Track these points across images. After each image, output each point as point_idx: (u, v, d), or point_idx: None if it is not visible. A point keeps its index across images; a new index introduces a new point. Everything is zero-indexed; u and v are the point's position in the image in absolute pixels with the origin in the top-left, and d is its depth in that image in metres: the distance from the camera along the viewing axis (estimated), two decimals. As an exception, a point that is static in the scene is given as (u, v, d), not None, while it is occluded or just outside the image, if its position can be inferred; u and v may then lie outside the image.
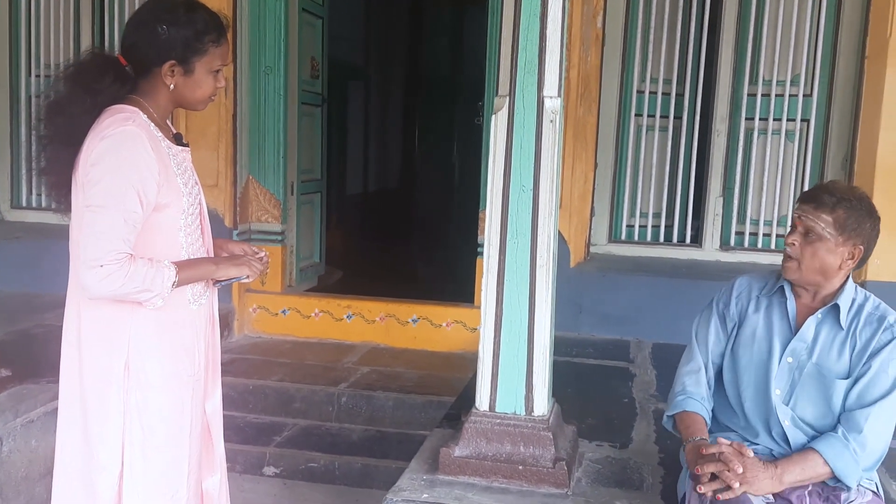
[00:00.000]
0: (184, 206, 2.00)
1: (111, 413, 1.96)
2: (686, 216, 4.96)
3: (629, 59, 4.87)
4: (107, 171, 1.85)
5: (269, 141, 4.99)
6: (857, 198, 2.15)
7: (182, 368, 2.05)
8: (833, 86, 4.64)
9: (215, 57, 2.00)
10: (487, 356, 2.67)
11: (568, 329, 4.51)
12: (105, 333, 1.96)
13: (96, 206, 1.84)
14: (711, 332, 2.38)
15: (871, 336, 2.15)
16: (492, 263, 2.63)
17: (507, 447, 2.63)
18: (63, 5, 5.49)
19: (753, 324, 2.31)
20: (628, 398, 3.61)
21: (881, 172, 4.25)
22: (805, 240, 2.13)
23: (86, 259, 1.83)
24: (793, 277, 2.21)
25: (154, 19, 1.95)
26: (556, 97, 2.57)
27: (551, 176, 2.58)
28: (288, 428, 4.00)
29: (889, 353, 2.12)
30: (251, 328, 5.02)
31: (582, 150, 4.66)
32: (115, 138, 1.86)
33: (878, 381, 2.12)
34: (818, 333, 2.21)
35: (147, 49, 1.95)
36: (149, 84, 1.99)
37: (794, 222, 2.19)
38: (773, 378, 2.23)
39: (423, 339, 4.81)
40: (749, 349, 2.30)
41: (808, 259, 2.14)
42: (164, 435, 2.02)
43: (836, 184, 2.25)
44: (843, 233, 2.10)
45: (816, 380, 2.19)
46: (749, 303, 2.34)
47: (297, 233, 5.26)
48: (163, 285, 1.90)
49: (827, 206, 2.10)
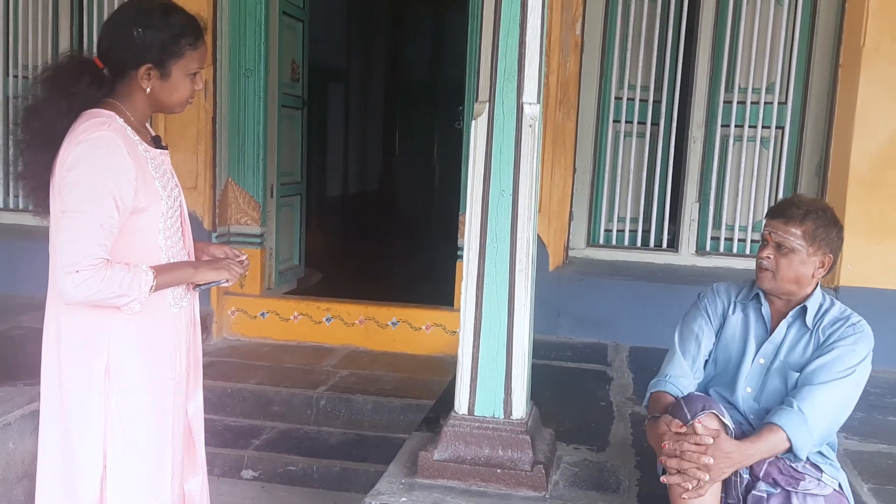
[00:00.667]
0: (162, 209, 1.99)
1: (91, 418, 1.95)
2: (663, 221, 5.02)
3: (607, 65, 4.92)
4: (82, 176, 1.84)
5: (248, 143, 4.98)
6: (821, 209, 2.26)
7: (163, 371, 2.04)
8: (807, 94, 4.71)
9: (192, 60, 1.98)
10: (467, 360, 2.69)
11: (546, 332, 4.55)
12: (84, 338, 1.95)
13: (72, 211, 1.83)
14: (702, 326, 2.45)
15: (834, 331, 2.26)
16: (471, 267, 2.65)
17: (485, 451, 2.65)
18: (41, 6, 5.45)
19: (733, 325, 2.42)
20: (606, 401, 3.64)
21: (854, 180, 4.33)
22: (778, 252, 2.25)
23: (62, 264, 1.82)
24: (768, 287, 2.31)
25: (130, 22, 1.93)
26: (535, 103, 2.60)
27: (530, 181, 2.61)
28: (266, 431, 4.00)
29: (848, 346, 2.23)
30: (230, 331, 5.01)
31: (561, 155, 4.70)
32: (91, 143, 1.85)
33: (834, 365, 2.21)
34: (787, 334, 2.33)
35: (123, 52, 1.93)
36: (125, 87, 1.97)
37: (764, 237, 2.30)
38: (745, 377, 2.35)
39: (402, 342, 4.82)
40: (727, 349, 2.42)
41: (783, 270, 2.25)
42: (147, 438, 2.01)
43: (800, 197, 2.36)
44: (812, 243, 2.21)
45: (781, 373, 2.31)
46: (729, 306, 2.45)
47: (276, 235, 5.25)
48: (140, 290, 1.89)
49: (796, 220, 2.22)
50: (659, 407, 2.31)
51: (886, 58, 4.25)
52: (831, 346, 2.24)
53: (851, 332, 2.25)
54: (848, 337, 2.24)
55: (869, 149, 4.30)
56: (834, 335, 2.26)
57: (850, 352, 2.22)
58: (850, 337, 2.24)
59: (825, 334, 2.27)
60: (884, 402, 3.72)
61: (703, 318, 2.46)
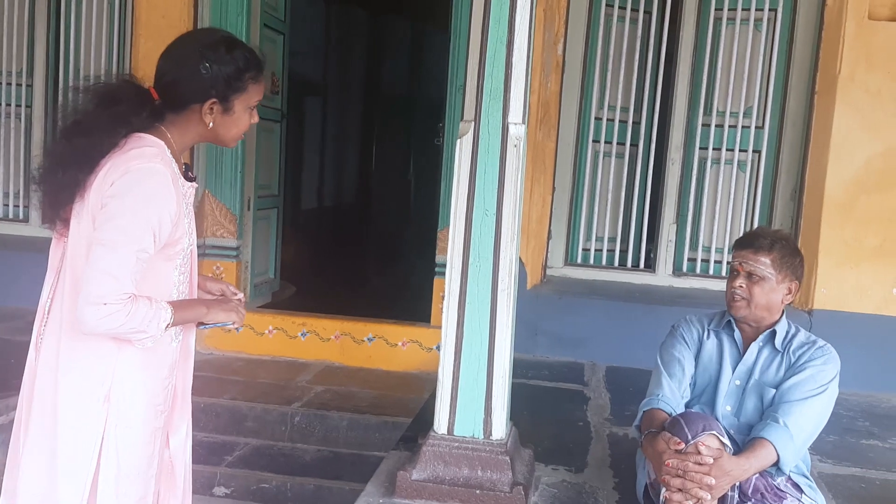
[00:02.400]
0: (185, 245, 1.95)
1: (83, 443, 1.89)
2: (640, 241, 5.05)
3: (588, 86, 4.96)
4: (127, 208, 1.78)
5: (226, 156, 4.93)
6: (784, 238, 2.45)
7: (159, 404, 2.00)
8: (784, 119, 4.78)
9: (253, 94, 1.98)
10: (447, 379, 2.67)
11: (523, 351, 4.54)
12: (88, 365, 1.89)
13: (110, 242, 1.77)
14: (682, 352, 2.56)
15: (804, 353, 2.42)
16: (453, 286, 2.65)
17: (464, 471, 2.64)
18: (17, 12, 5.39)
19: (709, 350, 2.56)
20: (583, 421, 3.64)
21: (829, 205, 4.39)
22: (750, 281, 2.40)
23: (90, 294, 1.75)
24: (742, 315, 2.46)
25: (197, 56, 1.90)
26: (520, 124, 2.61)
27: (514, 201, 2.61)
28: (239, 447, 3.94)
29: (819, 366, 2.38)
30: (203, 344, 4.94)
31: (540, 174, 4.72)
32: (142, 174, 1.80)
33: (807, 384, 2.35)
34: (759, 356, 2.48)
35: (188, 86, 1.89)
36: (181, 119, 1.93)
37: (734, 268, 2.45)
38: (723, 396, 2.48)
39: (378, 359, 4.79)
40: (705, 372, 2.55)
41: (757, 297, 2.41)
42: (136, 468, 1.96)
43: (764, 229, 2.60)
44: (780, 271, 2.39)
45: (756, 392, 2.45)
46: (703, 332, 2.59)
47: (252, 248, 5.21)
48: (158, 327, 1.84)
49: (764, 249, 2.39)
50: (654, 423, 2.36)
51: (861, 86, 4.33)
52: (802, 366, 2.39)
53: (820, 353, 2.40)
54: (817, 358, 2.39)
55: (843, 174, 4.37)
56: (804, 356, 2.41)
57: (821, 371, 2.36)
58: (819, 358, 2.39)
59: (795, 356, 2.42)
60: (856, 425, 3.76)
61: (681, 343, 2.58)
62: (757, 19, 4.75)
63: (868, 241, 4.38)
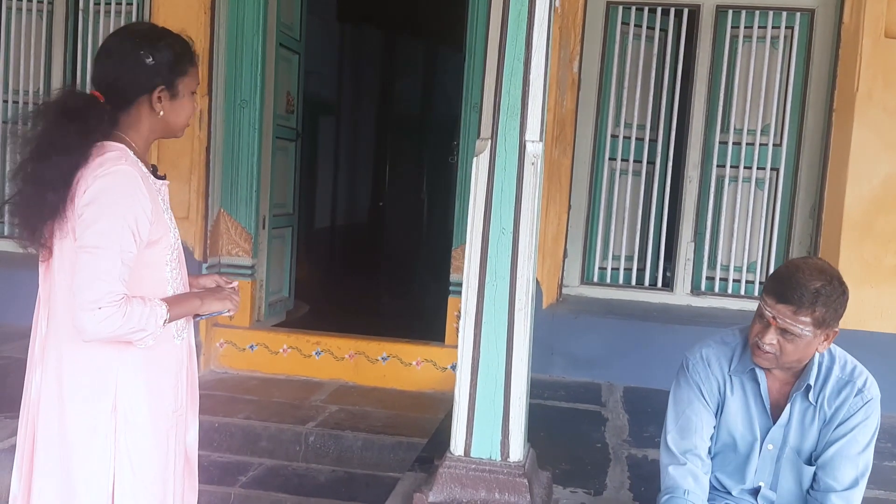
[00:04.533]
0: (171, 241, 1.98)
1: (97, 456, 1.90)
2: (658, 260, 5.01)
3: (604, 103, 4.94)
4: (102, 212, 1.81)
5: (242, 174, 4.94)
6: (829, 282, 1.99)
7: (167, 404, 2.01)
8: (802, 136, 4.75)
9: (193, 77, 2.01)
10: (463, 400, 2.64)
11: (540, 371, 4.49)
12: (91, 375, 1.90)
13: (92, 248, 1.80)
14: (701, 414, 2.19)
15: (841, 405, 2.11)
16: (470, 305, 2.62)
17: (481, 493, 2.60)
18: (35, 31, 5.44)
19: (732, 407, 2.20)
20: (601, 443, 3.59)
21: (848, 224, 4.34)
22: (783, 338, 2.01)
23: (83, 301, 1.78)
24: (767, 366, 2.12)
25: (135, 48, 1.91)
26: (537, 141, 2.59)
27: (531, 219, 2.59)
28: (254, 468, 3.91)
29: (860, 422, 2.10)
30: (218, 363, 4.93)
31: (556, 192, 4.69)
32: (109, 178, 1.83)
33: (850, 448, 2.09)
34: (792, 414, 2.16)
35: (134, 79, 1.91)
36: (131, 117, 1.94)
37: (766, 320, 2.03)
38: (755, 470, 2.20)
39: (392, 378, 4.76)
40: (730, 433, 2.22)
41: (788, 355, 2.04)
42: (152, 473, 1.98)
43: (804, 272, 2.01)
44: (821, 326, 2.00)
45: (794, 464, 2.17)
46: (724, 383, 2.20)
47: (267, 267, 5.20)
48: (156, 324, 1.87)
49: (805, 308, 1.96)
50: None
51: (879, 104, 4.29)
52: (841, 425, 2.10)
53: (860, 403, 2.09)
54: (857, 412, 2.09)
55: (862, 193, 4.32)
56: (842, 410, 2.10)
57: (863, 429, 2.09)
58: (859, 412, 2.09)
59: (832, 408, 2.11)
60: (878, 446, 3.67)
61: (699, 401, 2.19)
62: (773, 37, 4.73)
63: (888, 260, 4.33)
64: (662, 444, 2.23)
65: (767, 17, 4.72)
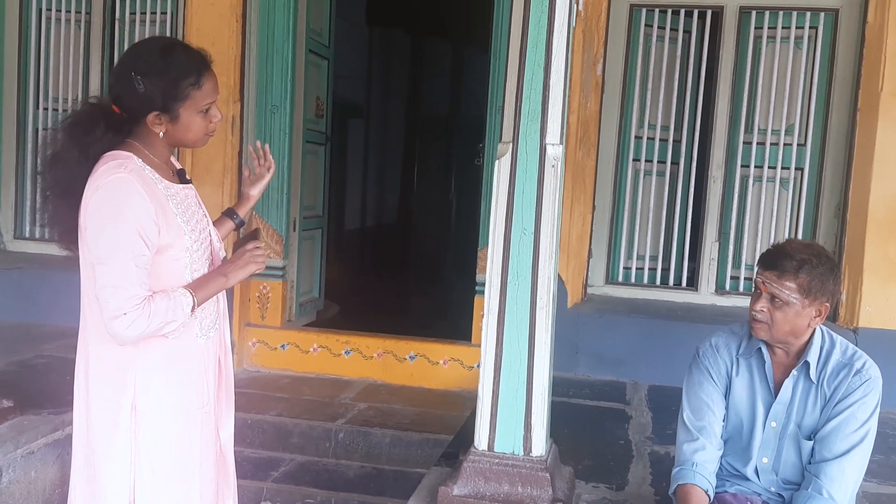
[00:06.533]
0: (187, 244, 2.00)
1: (117, 451, 1.98)
2: (682, 260, 5.04)
3: (628, 105, 4.99)
4: (106, 223, 1.87)
5: (273, 177, 5.04)
6: (816, 256, 2.16)
7: (190, 402, 2.07)
8: (826, 136, 4.75)
9: (198, 99, 1.97)
10: (487, 396, 2.71)
11: (565, 370, 4.56)
12: (111, 373, 1.98)
13: (105, 257, 1.87)
14: (711, 394, 2.33)
15: (840, 384, 2.20)
16: (492, 304, 2.69)
17: (504, 487, 2.67)
18: (73, 40, 5.60)
19: (738, 389, 2.33)
20: (624, 440, 3.64)
21: (872, 223, 4.35)
22: (772, 305, 2.17)
23: (108, 311, 1.86)
24: (763, 338, 2.25)
25: (130, 70, 1.93)
26: (558, 144, 2.65)
27: (552, 220, 2.65)
28: (285, 463, 4.02)
29: (859, 401, 2.18)
30: (250, 362, 5.06)
31: (580, 193, 4.75)
32: (108, 187, 1.87)
33: (847, 426, 2.17)
34: (795, 392, 2.26)
35: (130, 101, 1.94)
36: (141, 129, 1.99)
37: (757, 286, 2.21)
38: (759, 446, 2.30)
39: (420, 377, 4.84)
40: (737, 414, 2.34)
41: (779, 323, 2.18)
42: (174, 469, 2.04)
43: (793, 244, 2.22)
44: (808, 295, 2.14)
45: (794, 441, 2.26)
46: (732, 366, 2.35)
47: (297, 268, 5.32)
48: (184, 312, 1.94)
49: (789, 273, 2.13)
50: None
51: (904, 103, 4.30)
52: (839, 402, 2.19)
53: (858, 382, 2.19)
54: (855, 390, 2.18)
55: (887, 192, 4.33)
56: (840, 389, 2.20)
57: (861, 406, 2.17)
58: (857, 389, 2.18)
59: (831, 388, 2.21)
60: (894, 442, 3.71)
61: (709, 383, 2.34)
62: (797, 37, 4.75)
63: (913, 258, 4.33)
64: (679, 422, 2.38)
65: (791, 18, 4.74)
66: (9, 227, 5.72)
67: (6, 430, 3.28)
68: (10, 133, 5.64)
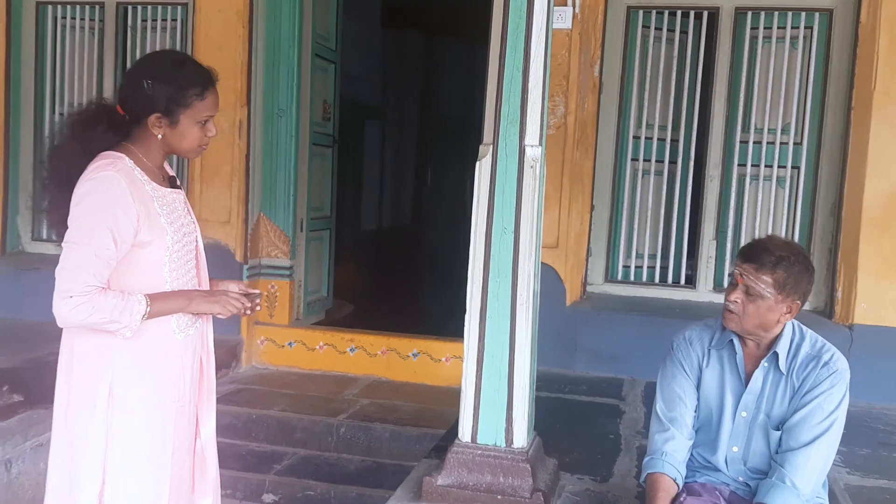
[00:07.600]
0: (168, 243, 2.14)
1: (93, 434, 2.09)
2: (680, 258, 5.10)
3: (626, 105, 5.05)
4: (84, 211, 2.02)
5: (280, 180, 5.20)
6: (794, 254, 2.23)
7: (165, 395, 2.17)
8: (822, 135, 4.78)
9: (199, 109, 2.12)
10: (469, 389, 2.80)
11: (563, 366, 4.65)
12: (92, 360, 2.10)
13: (72, 243, 2.02)
14: (683, 386, 2.39)
15: (808, 375, 2.27)
16: (474, 301, 2.79)
17: (487, 477, 2.76)
18: (87, 46, 5.76)
19: (708, 379, 2.39)
20: (614, 434, 3.72)
21: (867, 220, 4.39)
22: (746, 297, 2.23)
23: (58, 290, 2.00)
24: (734, 329, 2.31)
25: (141, 74, 2.11)
26: (537, 146, 2.74)
27: (532, 219, 2.74)
28: (288, 457, 4.14)
29: (825, 391, 2.23)
30: (258, 359, 5.19)
31: (578, 193, 4.82)
32: (96, 181, 2.03)
33: (814, 417, 2.22)
34: (765, 383, 2.32)
35: (136, 101, 2.11)
36: (140, 132, 2.14)
37: (734, 278, 2.28)
38: (729, 436, 2.35)
39: (422, 374, 4.95)
40: (707, 405, 2.40)
41: (750, 315, 2.24)
42: (145, 458, 2.14)
43: (773, 240, 2.30)
44: (782, 291, 2.20)
45: (763, 431, 2.32)
46: (703, 357, 2.41)
47: (305, 268, 5.44)
48: (131, 318, 2.04)
49: (767, 267, 2.20)
50: (659, 494, 2.27)
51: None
52: (807, 394, 2.25)
53: (826, 374, 2.24)
54: (822, 382, 2.24)
55: (881, 189, 4.36)
56: (808, 380, 2.26)
57: (828, 397, 2.22)
58: (824, 381, 2.23)
59: (799, 379, 2.27)
60: (892, 439, 3.73)
61: (681, 374, 2.41)
62: (793, 37, 4.79)
63: (907, 255, 4.36)
64: (652, 414, 2.45)
65: (786, 18, 4.78)
66: (27, 229, 5.90)
67: (16, 423, 3.43)
68: (28, 137, 5.81)
